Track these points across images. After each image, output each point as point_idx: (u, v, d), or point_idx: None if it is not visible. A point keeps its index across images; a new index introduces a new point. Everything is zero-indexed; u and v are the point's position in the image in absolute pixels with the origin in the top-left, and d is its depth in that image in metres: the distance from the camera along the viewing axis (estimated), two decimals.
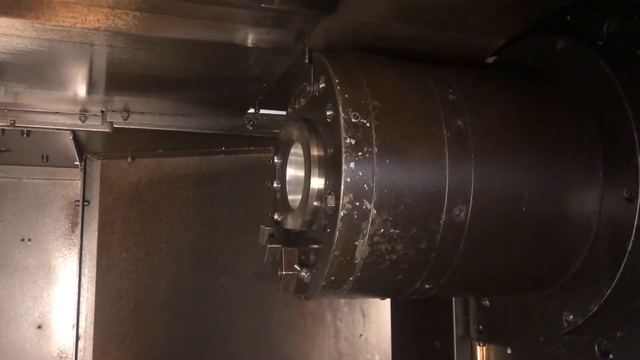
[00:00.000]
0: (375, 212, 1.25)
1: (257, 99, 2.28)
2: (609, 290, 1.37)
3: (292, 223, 1.47)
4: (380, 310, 2.64)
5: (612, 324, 1.45)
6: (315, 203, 1.33)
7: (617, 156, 1.37)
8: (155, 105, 2.39)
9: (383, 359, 2.63)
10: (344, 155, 1.22)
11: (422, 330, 2.34)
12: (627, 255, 1.33)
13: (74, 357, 2.95)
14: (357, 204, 1.24)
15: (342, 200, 1.23)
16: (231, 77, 1.97)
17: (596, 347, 1.51)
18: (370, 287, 1.40)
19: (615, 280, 1.35)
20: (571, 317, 1.46)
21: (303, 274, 1.40)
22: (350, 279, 1.33)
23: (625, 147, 1.34)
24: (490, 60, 1.84)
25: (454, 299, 2.06)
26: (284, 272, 1.45)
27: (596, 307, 1.40)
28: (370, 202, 1.24)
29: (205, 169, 3.00)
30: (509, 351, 1.89)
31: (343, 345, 2.74)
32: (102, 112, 2.41)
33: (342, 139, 1.23)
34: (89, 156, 2.99)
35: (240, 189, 2.91)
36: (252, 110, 2.49)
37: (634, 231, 1.32)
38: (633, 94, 1.38)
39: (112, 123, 2.41)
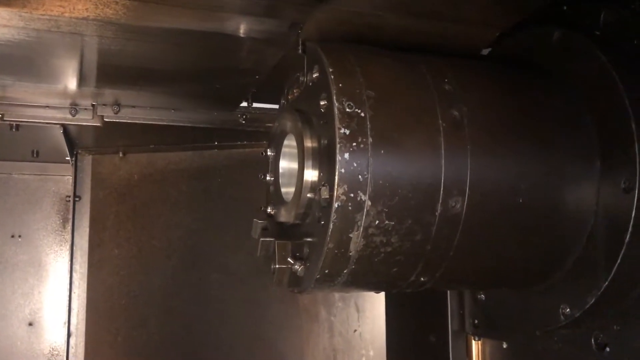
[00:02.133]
0: (370, 203, 1.23)
1: (249, 92, 2.25)
2: (606, 283, 1.35)
3: (285, 216, 1.44)
4: (375, 305, 2.63)
5: (609, 317, 1.44)
6: (308, 195, 1.31)
7: (614, 147, 1.36)
8: (147, 99, 2.35)
9: (378, 354, 2.62)
10: (338, 146, 1.20)
11: (417, 325, 2.32)
12: (624, 247, 1.32)
13: (65, 354, 2.91)
14: (352, 195, 1.21)
15: (336, 191, 1.20)
16: (223, 69, 1.94)
17: (593, 340, 1.50)
18: (365, 280, 1.38)
19: (613, 273, 1.34)
20: (568, 310, 1.44)
21: (296, 267, 1.38)
22: (345, 271, 1.31)
23: (623, 138, 1.33)
24: (485, 52, 1.82)
25: (449, 293, 2.04)
26: (277, 266, 1.42)
27: (593, 300, 1.38)
28: (365, 194, 1.22)
29: (198, 164, 2.97)
30: (504, 345, 1.87)
31: (337, 340, 2.72)
32: (93, 105, 2.38)
33: (336, 129, 1.21)
34: (79, 151, 2.95)
35: (233, 184, 2.88)
36: (244, 104, 2.46)
37: (631, 222, 1.30)
38: (630, 84, 1.37)
39: (102, 117, 2.38)
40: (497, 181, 1.33)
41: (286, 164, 1.54)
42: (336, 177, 1.20)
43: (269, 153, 1.63)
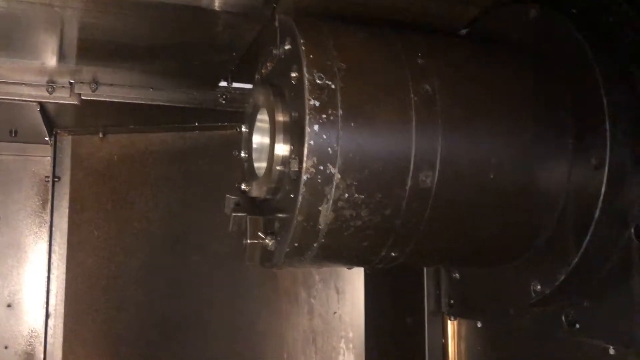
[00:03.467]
0: (339, 176, 1.22)
1: (228, 70, 2.23)
2: (576, 259, 1.35)
3: (257, 190, 1.44)
4: (355, 287, 2.63)
5: (580, 294, 1.45)
6: (279, 168, 1.29)
7: (586, 125, 1.35)
8: (125, 77, 2.33)
9: (357, 336, 2.62)
10: (307, 118, 1.19)
11: (395, 307, 2.33)
12: (593, 223, 1.32)
13: (43, 335, 2.90)
14: (321, 167, 1.20)
15: (305, 163, 1.19)
16: (200, 45, 1.92)
17: (563, 317, 1.51)
18: (335, 255, 1.37)
19: (582, 249, 1.34)
20: (539, 287, 1.45)
21: (267, 241, 1.37)
22: (315, 245, 1.30)
23: (594, 115, 1.33)
24: (463, 32, 1.81)
25: (425, 274, 2.05)
26: (248, 241, 1.42)
27: (563, 277, 1.39)
28: (334, 166, 1.21)
29: (179, 146, 2.94)
30: (479, 325, 1.89)
31: (317, 322, 2.72)
32: (70, 83, 2.35)
33: (306, 101, 1.20)
34: (59, 131, 2.92)
35: (214, 166, 2.86)
36: (224, 84, 2.44)
37: (600, 199, 1.30)
38: (604, 62, 1.37)
39: (80, 95, 2.35)
40: (468, 156, 1.32)
41: (259, 139, 1.53)
42: (305, 149, 1.19)
43: (243, 130, 1.62)
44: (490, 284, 1.63)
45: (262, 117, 1.47)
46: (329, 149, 1.20)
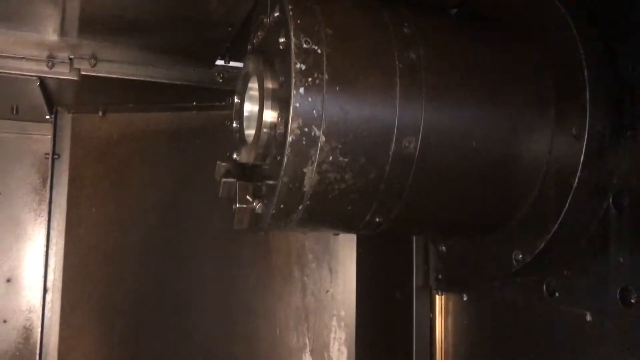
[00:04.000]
0: (324, 139, 1.25)
1: (224, 47, 2.26)
2: (555, 227, 1.39)
3: (246, 156, 1.47)
4: (347, 266, 2.66)
5: (559, 263, 1.48)
6: (265, 131, 1.33)
7: (568, 95, 1.38)
8: (123, 54, 2.37)
9: (348, 314, 2.66)
10: (293, 80, 1.22)
11: (385, 284, 2.36)
12: (572, 192, 1.35)
13: (41, 309, 2.95)
14: (306, 129, 1.24)
15: (291, 125, 1.23)
16: (195, 20, 1.95)
17: (544, 286, 1.54)
18: (321, 218, 1.41)
19: (561, 217, 1.37)
20: (520, 255, 1.48)
21: (255, 205, 1.41)
22: (300, 207, 1.34)
23: (576, 86, 1.36)
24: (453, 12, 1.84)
25: (414, 248, 2.08)
26: (237, 206, 1.46)
27: (543, 245, 1.42)
28: (319, 129, 1.25)
29: (176, 125, 2.98)
30: (465, 298, 1.92)
31: (310, 300, 2.76)
32: (70, 59, 2.39)
33: (293, 64, 1.23)
34: (59, 109, 2.96)
35: (211, 146, 2.89)
36: (221, 62, 2.48)
37: (579, 167, 1.34)
38: (586, 35, 1.39)
39: (79, 70, 2.39)
40: (451, 124, 1.35)
41: (250, 107, 1.56)
42: (291, 111, 1.22)
43: (235, 100, 1.65)
44: (474, 256, 1.67)
45: (253, 86, 1.50)
46: (314, 112, 1.24)
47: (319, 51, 1.25)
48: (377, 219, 1.42)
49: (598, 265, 1.39)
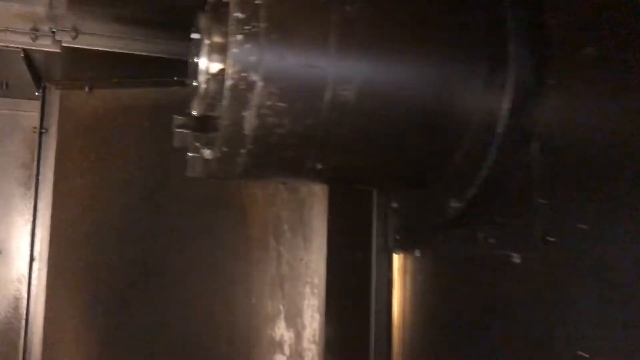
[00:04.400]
0: (262, 84, 1.35)
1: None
2: (483, 175, 1.47)
3: (197, 107, 1.57)
4: (320, 234, 2.76)
5: (492, 210, 1.56)
6: (211, 80, 1.42)
7: (496, 47, 1.47)
8: (104, 26, 2.49)
9: (321, 282, 2.75)
10: (231, 28, 1.32)
11: (351, 248, 2.46)
12: (499, 140, 1.44)
13: (27, 278, 3.07)
14: (244, 74, 1.33)
15: (228, 70, 1.32)
16: None
17: (480, 234, 1.63)
18: (264, 163, 1.50)
19: (488, 166, 1.46)
20: (455, 204, 1.57)
21: (205, 151, 1.51)
22: (242, 151, 1.43)
23: (502, 37, 1.44)
24: None
25: (375, 210, 2.18)
26: (189, 154, 1.56)
27: (473, 192, 1.51)
28: (256, 74, 1.34)
29: (161, 101, 3.09)
30: (417, 254, 2.01)
31: (284, 268, 2.86)
32: (53, 32, 2.50)
33: (232, 14, 1.33)
34: (47, 85, 3.08)
35: None
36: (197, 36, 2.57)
37: (505, 116, 1.42)
38: None
39: (61, 42, 2.50)
40: (386, 72, 1.44)
41: (202, 63, 1.65)
42: (229, 57, 1.32)
43: (194, 60, 1.75)
44: (418, 207, 1.75)
45: (204, 42, 1.59)
46: (252, 58, 1.33)
47: (258, 2, 1.35)
48: (318, 166, 1.51)
49: (524, 209, 1.47)
